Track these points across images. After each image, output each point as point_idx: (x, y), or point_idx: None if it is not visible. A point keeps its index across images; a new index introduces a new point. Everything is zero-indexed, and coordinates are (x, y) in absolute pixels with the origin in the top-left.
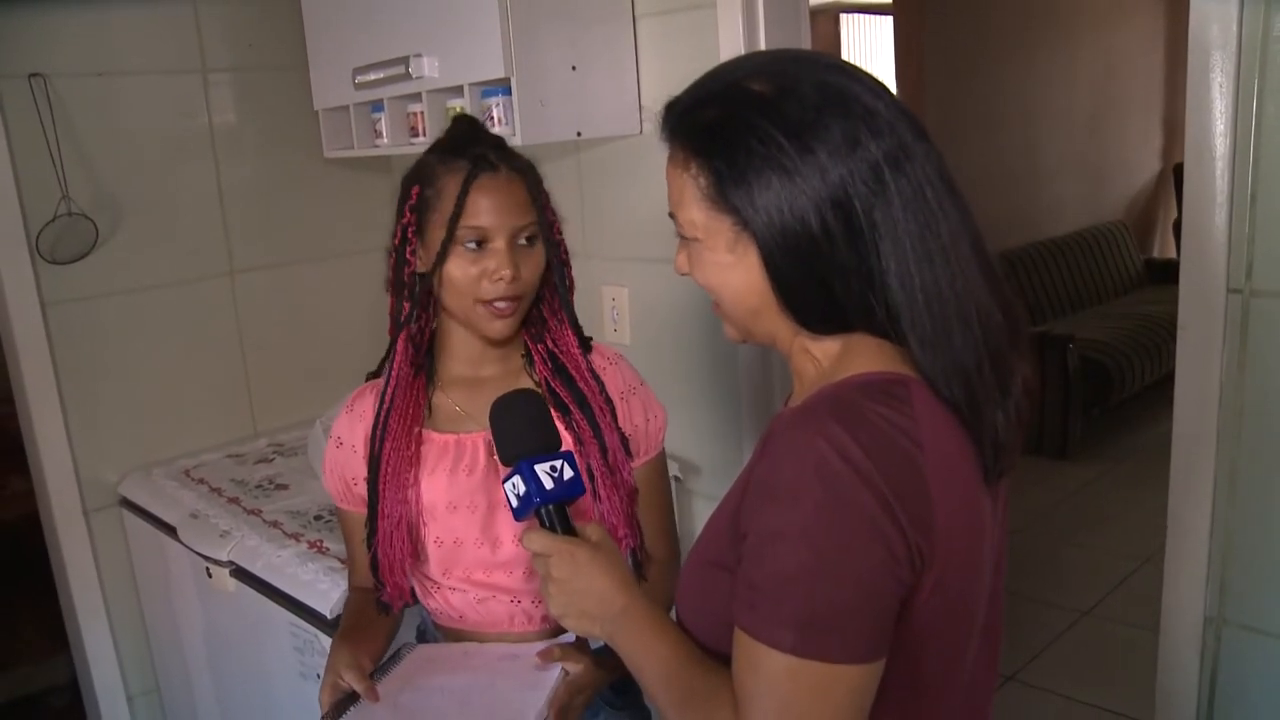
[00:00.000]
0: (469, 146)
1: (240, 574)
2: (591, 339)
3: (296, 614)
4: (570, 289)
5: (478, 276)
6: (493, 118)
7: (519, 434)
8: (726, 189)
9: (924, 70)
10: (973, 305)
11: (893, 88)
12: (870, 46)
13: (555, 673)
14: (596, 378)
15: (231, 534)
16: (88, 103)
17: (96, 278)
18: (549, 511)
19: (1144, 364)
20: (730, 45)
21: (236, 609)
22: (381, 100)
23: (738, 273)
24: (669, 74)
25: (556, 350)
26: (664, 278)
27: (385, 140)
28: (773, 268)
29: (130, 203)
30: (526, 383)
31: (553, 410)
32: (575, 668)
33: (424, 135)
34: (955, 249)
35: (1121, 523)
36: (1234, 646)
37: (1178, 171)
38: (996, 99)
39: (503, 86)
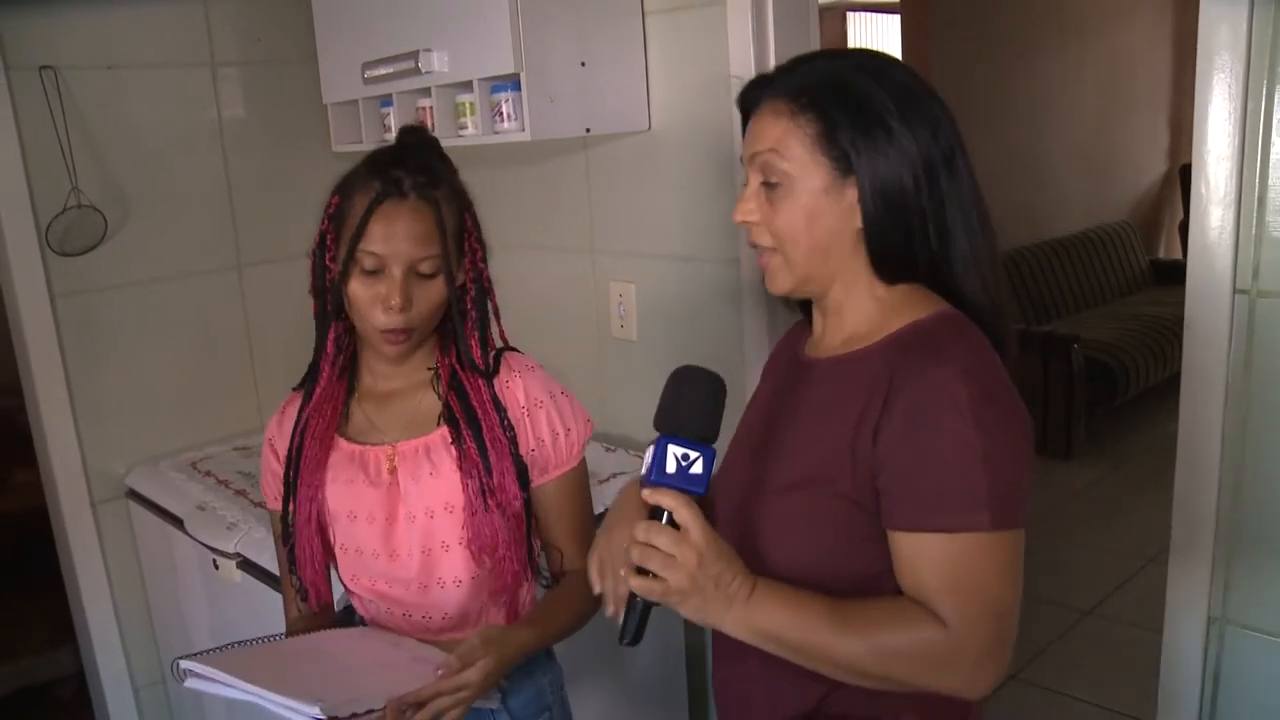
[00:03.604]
0: (391, 167)
1: (247, 566)
2: (508, 349)
3: None
4: (496, 316)
5: (372, 301)
6: (501, 113)
7: (680, 407)
8: (839, 135)
9: (930, 68)
10: (1000, 270)
11: None
12: (877, 45)
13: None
14: (499, 407)
15: (238, 526)
16: (97, 95)
17: (105, 270)
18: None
19: (1148, 365)
20: (739, 42)
21: (243, 601)
22: (391, 95)
23: (829, 215)
24: (678, 71)
25: (463, 377)
26: (672, 274)
27: (394, 135)
28: (869, 212)
29: (139, 195)
30: (432, 398)
31: (444, 425)
32: (454, 664)
33: (434, 130)
34: (990, 228)
35: (1125, 523)
36: (1237, 647)
37: (1184, 172)
38: (1002, 98)
39: (512, 82)
